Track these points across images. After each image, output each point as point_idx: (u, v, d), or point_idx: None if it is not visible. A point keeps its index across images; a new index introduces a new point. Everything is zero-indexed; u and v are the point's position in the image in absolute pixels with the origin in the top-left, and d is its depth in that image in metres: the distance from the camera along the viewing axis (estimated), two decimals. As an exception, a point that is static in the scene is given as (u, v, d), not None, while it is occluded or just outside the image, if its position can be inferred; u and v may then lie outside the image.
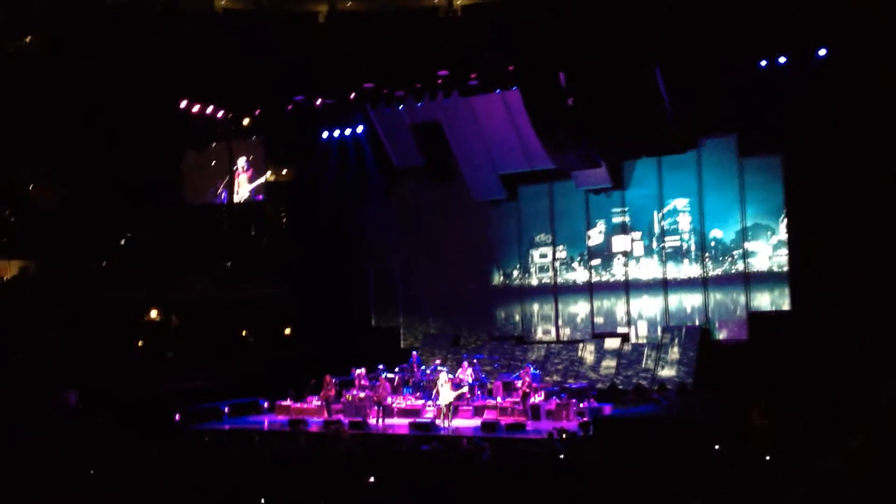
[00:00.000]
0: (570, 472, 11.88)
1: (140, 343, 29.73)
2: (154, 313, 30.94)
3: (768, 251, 22.44)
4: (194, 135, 28.14)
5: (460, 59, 23.35)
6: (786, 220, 22.10)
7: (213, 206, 29.27)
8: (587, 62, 19.36)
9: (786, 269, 22.09)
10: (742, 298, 22.72)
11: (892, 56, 18.71)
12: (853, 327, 19.42)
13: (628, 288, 24.35)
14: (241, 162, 28.54)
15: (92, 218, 28.67)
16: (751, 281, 22.61)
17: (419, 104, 25.14)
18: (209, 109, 26.72)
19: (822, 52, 20.41)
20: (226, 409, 23.10)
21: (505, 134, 24.54)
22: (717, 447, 13.14)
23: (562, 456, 13.23)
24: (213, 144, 28.58)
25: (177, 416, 22.02)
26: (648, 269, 24.10)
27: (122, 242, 32.48)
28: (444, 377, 20.89)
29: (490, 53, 22.53)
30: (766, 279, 22.42)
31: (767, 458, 11.62)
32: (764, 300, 22.47)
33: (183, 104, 26.31)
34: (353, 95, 25.10)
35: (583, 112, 19.92)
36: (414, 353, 24.22)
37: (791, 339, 20.89)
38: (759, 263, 22.53)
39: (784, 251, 22.15)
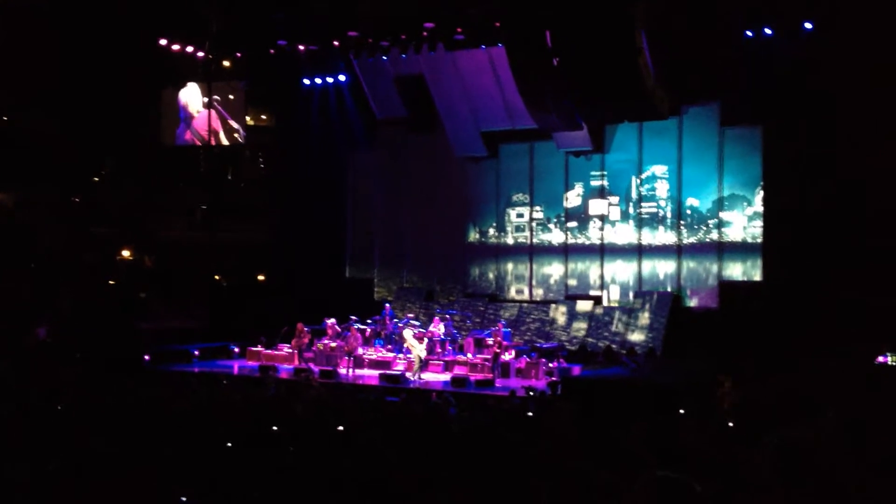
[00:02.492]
0: (536, 429, 12.01)
1: (112, 281, 29.57)
2: (127, 252, 30.75)
3: (743, 222, 22.60)
4: (173, 74, 27.76)
5: (447, 12, 23.10)
6: (762, 192, 22.24)
7: (191, 148, 28.99)
8: (574, 22, 19.25)
9: (759, 240, 22.29)
10: (714, 267, 22.92)
11: (877, 32, 18.74)
12: (824, 300, 19.69)
13: (603, 251, 24.48)
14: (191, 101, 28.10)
15: (68, 153, 28.34)
16: (724, 250, 22.80)
17: (403, 56, 24.91)
18: (189, 49, 26.30)
19: (808, 25, 20.41)
20: (196, 353, 23.10)
21: (488, 91, 24.42)
22: (682, 412, 13.33)
23: (530, 413, 13.37)
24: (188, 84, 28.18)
25: (146, 357, 22.00)
26: (624, 233, 24.21)
27: (97, 179, 32.19)
28: (409, 332, 21.01)
29: (477, 8, 22.31)
30: (740, 249, 22.62)
31: (731, 424, 11.81)
32: (736, 270, 22.69)
33: (163, 42, 25.87)
34: (336, 43, 24.81)
35: (567, 73, 19.83)
36: (387, 305, 24.28)
37: (761, 310, 21.16)
38: (734, 233, 22.71)
39: (759, 222, 22.32)
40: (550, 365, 20.49)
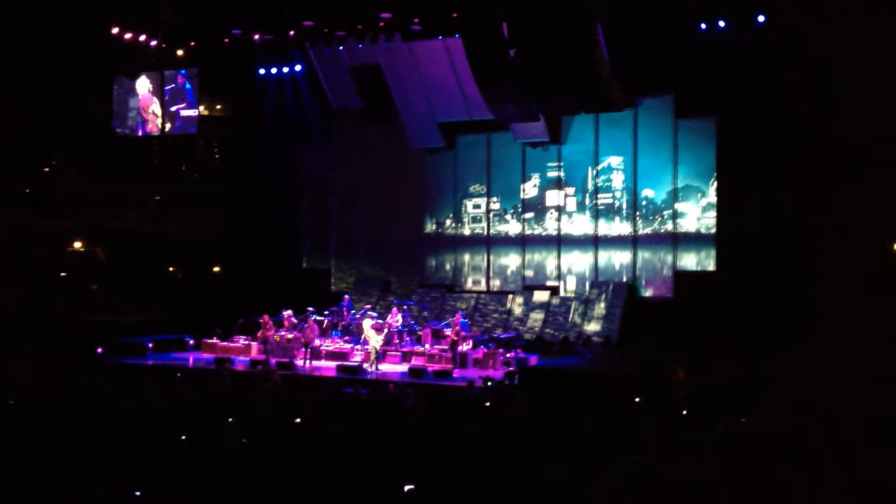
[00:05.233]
0: (494, 419, 12.07)
1: (64, 273, 29.11)
2: (79, 244, 30.28)
3: (697, 213, 22.87)
4: (125, 63, 27.32)
5: (404, 2, 23.01)
6: (716, 183, 22.51)
7: (144, 138, 28.58)
8: (531, 14, 19.30)
9: (713, 230, 22.56)
10: (669, 258, 23.17)
11: (828, 25, 19.02)
12: (775, 291, 20.00)
13: (560, 242, 24.61)
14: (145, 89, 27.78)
15: (18, 142, 27.79)
16: (679, 241, 23.06)
17: (360, 46, 24.77)
18: (142, 38, 25.88)
19: (761, 18, 20.67)
20: (150, 345, 22.81)
21: (445, 82, 24.39)
22: (636, 400, 13.49)
23: (487, 403, 13.43)
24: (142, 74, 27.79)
25: (98, 350, 21.69)
26: (580, 224, 24.37)
27: (47, 170, 31.65)
28: (367, 323, 20.97)
29: (434, -1, 22.27)
30: (694, 240, 22.88)
31: (685, 412, 11.98)
32: (690, 260, 22.96)
33: (115, 31, 25.44)
34: (292, 33, 24.58)
35: (524, 64, 19.90)
36: (346, 296, 24.18)
37: (714, 300, 21.44)
38: (688, 224, 22.97)
39: (712, 213, 22.59)
40: (508, 355, 20.56)
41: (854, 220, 19.58)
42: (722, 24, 21.11)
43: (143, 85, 27.70)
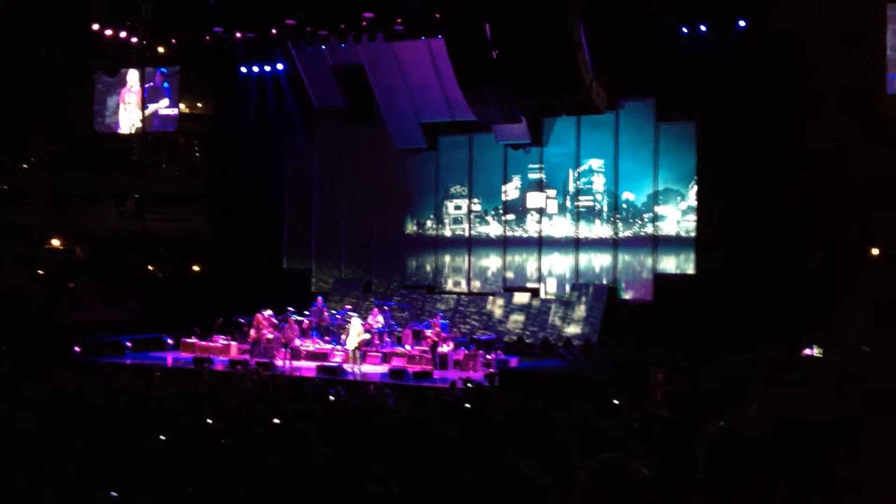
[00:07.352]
0: (473, 420, 12.05)
1: (41, 271, 28.84)
2: (56, 242, 30.01)
3: (677, 216, 22.97)
4: (106, 59, 27.14)
5: (386, 2, 22.98)
6: (696, 187, 22.62)
7: (123, 135, 28.40)
8: (513, 15, 19.33)
9: (693, 234, 22.68)
10: (649, 261, 23.26)
11: (807, 30, 19.14)
12: (754, 294, 20.11)
13: (540, 244, 24.65)
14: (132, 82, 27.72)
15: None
16: (658, 244, 23.16)
17: (342, 45, 24.70)
18: (123, 35, 25.70)
19: (742, 23, 20.80)
20: (128, 344, 22.65)
21: (428, 82, 24.38)
22: (615, 402, 13.52)
23: (467, 405, 13.41)
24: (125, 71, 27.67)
25: (76, 348, 21.51)
26: (561, 226, 24.42)
27: (25, 166, 31.36)
28: (356, 321, 20.92)
29: (417, -1, 22.26)
30: (674, 243, 22.99)
31: (664, 414, 12.02)
32: (670, 263, 23.06)
33: (95, 27, 25.25)
34: (274, 31, 24.49)
35: (506, 65, 19.92)
36: (319, 297, 24.06)
37: (694, 302, 21.53)
38: (668, 227, 23.06)
39: (692, 217, 22.71)
40: (488, 357, 20.55)
41: (833, 223, 19.73)
42: (703, 28, 21.24)
43: (133, 77, 27.63)
